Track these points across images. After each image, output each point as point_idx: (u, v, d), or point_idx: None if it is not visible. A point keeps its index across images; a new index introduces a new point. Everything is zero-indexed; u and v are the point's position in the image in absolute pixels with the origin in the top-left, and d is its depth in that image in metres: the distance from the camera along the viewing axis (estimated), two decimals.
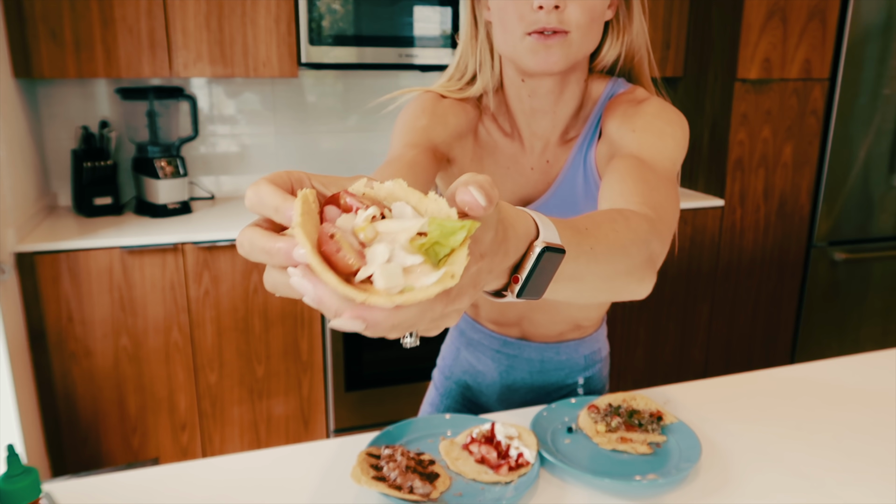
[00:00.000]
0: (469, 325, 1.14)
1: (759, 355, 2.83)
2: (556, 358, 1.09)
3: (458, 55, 0.95)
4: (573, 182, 0.92)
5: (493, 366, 1.11)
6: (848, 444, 0.99)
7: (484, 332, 1.11)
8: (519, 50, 0.81)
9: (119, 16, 2.06)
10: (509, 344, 1.09)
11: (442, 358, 1.21)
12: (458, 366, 1.16)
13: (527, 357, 1.09)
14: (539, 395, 1.13)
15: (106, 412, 2.07)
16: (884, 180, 2.72)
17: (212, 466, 0.92)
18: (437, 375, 1.21)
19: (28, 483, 0.67)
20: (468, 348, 1.14)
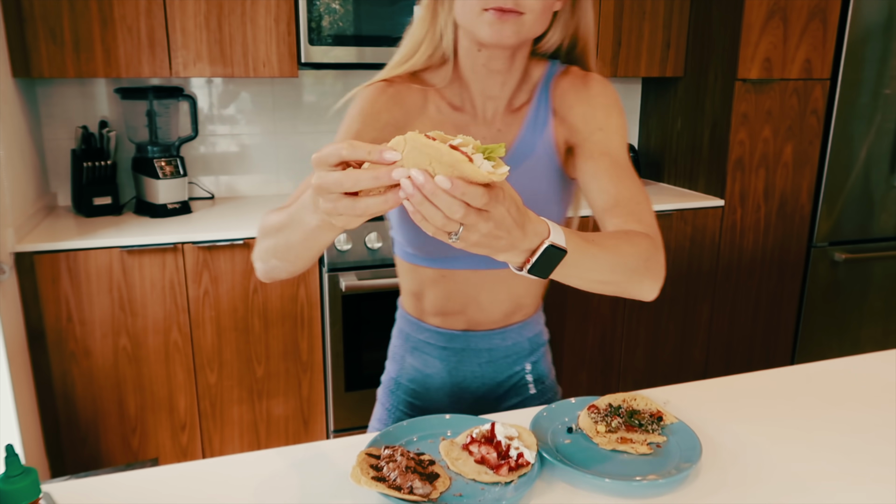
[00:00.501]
0: (414, 326, 1.12)
1: (760, 355, 2.83)
2: (502, 344, 1.10)
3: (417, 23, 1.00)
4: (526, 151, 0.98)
5: (441, 365, 1.11)
6: (849, 444, 0.98)
7: (430, 331, 1.10)
8: (477, 22, 0.88)
9: (118, 15, 2.05)
10: (456, 338, 1.09)
11: (386, 373, 1.20)
12: (403, 375, 1.15)
13: (475, 348, 1.10)
14: (490, 387, 1.12)
15: (105, 412, 2.07)
16: (884, 180, 2.72)
17: (211, 467, 0.92)
18: (381, 393, 1.20)
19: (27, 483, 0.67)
20: (413, 353, 1.13)
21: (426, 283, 1.07)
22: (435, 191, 0.59)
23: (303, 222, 0.74)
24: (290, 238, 0.80)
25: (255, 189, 2.63)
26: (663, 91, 2.91)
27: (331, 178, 0.61)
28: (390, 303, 1.28)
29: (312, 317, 2.20)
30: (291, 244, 0.81)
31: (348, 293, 2.15)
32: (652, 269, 0.87)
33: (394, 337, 1.19)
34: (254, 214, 2.30)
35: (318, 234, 0.75)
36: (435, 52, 0.99)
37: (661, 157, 2.96)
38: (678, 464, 0.90)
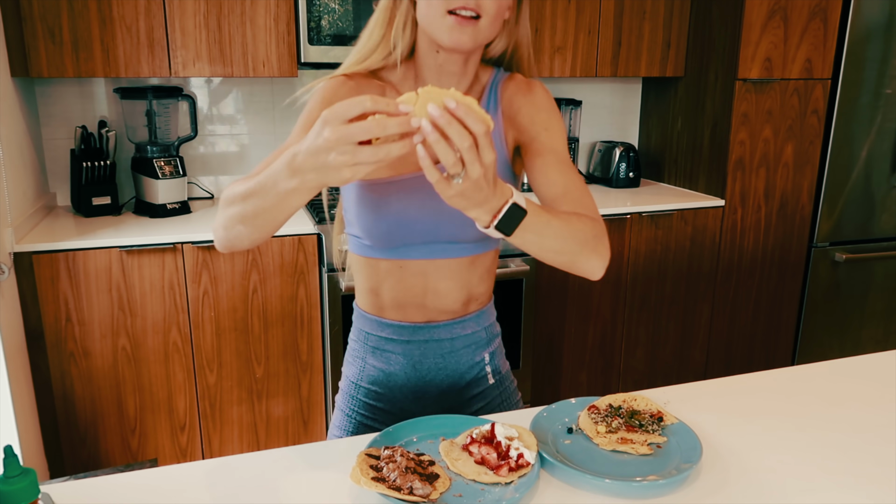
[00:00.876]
0: (373, 324, 1.14)
1: (760, 356, 2.82)
2: (462, 333, 1.13)
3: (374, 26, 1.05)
4: None
5: (404, 360, 1.12)
6: (849, 444, 0.98)
7: (391, 326, 1.12)
8: (438, 25, 0.94)
9: (118, 15, 2.05)
10: (418, 330, 1.11)
11: (343, 378, 1.20)
12: (364, 378, 1.16)
13: (436, 339, 1.12)
14: (453, 379, 1.14)
15: (104, 413, 2.07)
16: (885, 180, 2.72)
17: (211, 467, 0.91)
18: (340, 399, 1.21)
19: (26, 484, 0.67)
20: (374, 354, 1.15)
21: (383, 277, 1.10)
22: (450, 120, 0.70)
23: (276, 187, 0.79)
24: (260, 204, 0.84)
25: None
26: (663, 91, 2.91)
27: (356, 127, 0.69)
28: None
29: (312, 317, 2.20)
30: (261, 210, 0.84)
31: (348, 293, 2.15)
32: (599, 247, 0.95)
33: (351, 341, 1.20)
34: None
35: (291, 198, 0.80)
36: (391, 53, 1.05)
37: (661, 157, 2.96)
38: (678, 464, 0.90)
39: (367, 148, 0.70)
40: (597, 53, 2.60)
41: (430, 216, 1.03)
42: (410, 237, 1.04)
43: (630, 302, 2.59)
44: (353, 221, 1.07)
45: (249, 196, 0.85)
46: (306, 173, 0.75)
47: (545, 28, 2.51)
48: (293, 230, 2.12)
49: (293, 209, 0.84)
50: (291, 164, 0.76)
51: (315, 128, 0.72)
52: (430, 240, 1.05)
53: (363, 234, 1.06)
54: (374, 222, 1.03)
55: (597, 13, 2.56)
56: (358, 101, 0.70)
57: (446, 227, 1.04)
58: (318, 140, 0.71)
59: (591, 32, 2.57)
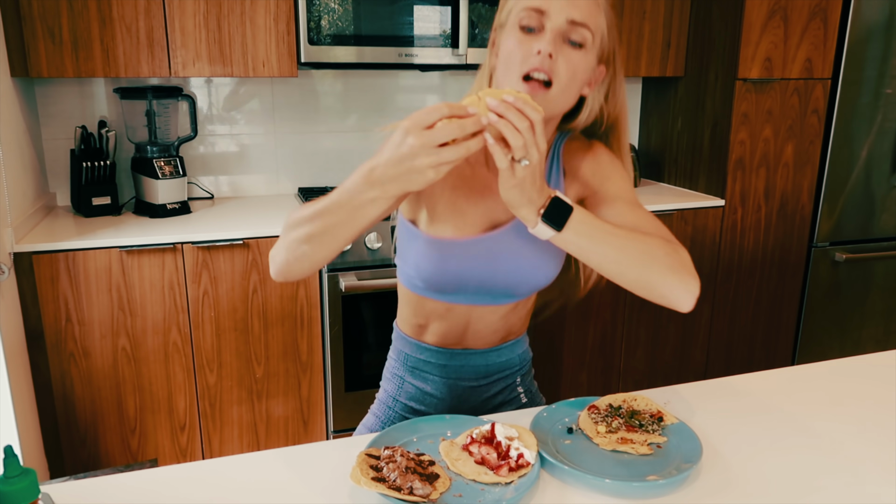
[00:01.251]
0: (413, 346, 1.18)
1: (760, 356, 2.82)
2: (497, 360, 1.18)
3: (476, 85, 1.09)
4: None
5: (440, 381, 1.18)
6: (849, 445, 0.98)
7: (430, 350, 1.17)
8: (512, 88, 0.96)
9: (117, 15, 2.05)
10: (455, 355, 1.16)
11: (383, 390, 1.25)
12: (402, 394, 1.21)
13: (472, 364, 1.17)
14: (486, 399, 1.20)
15: (104, 413, 2.07)
16: (885, 180, 2.72)
17: (211, 467, 0.91)
18: (376, 406, 1.26)
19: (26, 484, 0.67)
20: (413, 374, 1.19)
21: (429, 313, 1.14)
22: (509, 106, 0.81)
23: (352, 201, 0.87)
24: (332, 220, 0.90)
25: (255, 189, 2.63)
26: (663, 91, 2.91)
27: (438, 131, 0.78)
28: (390, 303, 1.28)
29: (312, 317, 2.19)
30: (331, 226, 0.91)
31: (348, 293, 2.15)
32: (682, 272, 0.93)
33: (391, 359, 1.25)
34: (253, 214, 2.30)
35: (369, 209, 0.87)
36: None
37: (661, 156, 2.96)
38: (678, 464, 0.90)
39: (448, 148, 0.79)
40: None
41: (486, 274, 1.07)
42: (464, 289, 1.08)
43: (630, 302, 2.59)
44: (410, 264, 1.09)
45: (319, 215, 0.91)
46: (387, 183, 0.83)
47: None
48: None
49: (368, 221, 0.89)
50: (369, 176, 0.84)
51: (394, 139, 0.81)
52: (482, 292, 1.09)
53: (418, 278, 1.09)
54: (431, 273, 1.07)
55: None
56: (436, 108, 0.79)
57: (501, 283, 1.08)
58: (401, 148, 0.80)
59: None
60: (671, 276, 0.93)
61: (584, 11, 0.96)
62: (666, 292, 0.93)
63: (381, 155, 0.83)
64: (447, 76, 2.75)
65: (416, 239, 1.07)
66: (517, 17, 0.98)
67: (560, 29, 0.95)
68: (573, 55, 0.96)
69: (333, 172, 2.70)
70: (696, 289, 0.94)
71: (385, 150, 0.82)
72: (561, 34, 0.95)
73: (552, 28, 0.95)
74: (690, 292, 0.94)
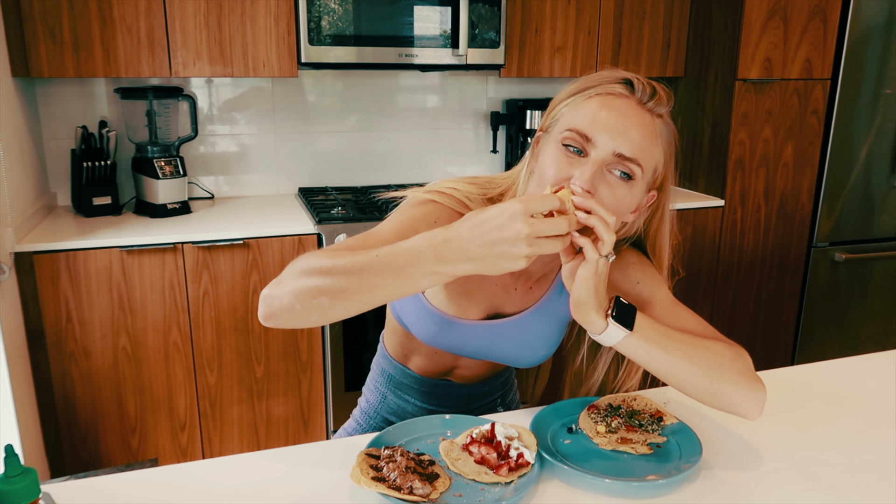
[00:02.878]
0: (397, 369, 1.19)
1: (760, 356, 2.82)
2: (479, 390, 1.20)
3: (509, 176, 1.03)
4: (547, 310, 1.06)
5: (421, 404, 1.18)
6: (849, 445, 0.98)
7: (414, 377, 1.17)
8: None
9: (118, 15, 2.05)
10: (438, 386, 1.17)
11: (365, 400, 1.25)
12: (384, 408, 1.22)
13: (455, 395, 1.18)
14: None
15: (105, 413, 2.07)
16: (885, 180, 2.72)
17: (211, 467, 0.91)
18: (358, 413, 1.26)
19: (27, 484, 0.67)
20: (395, 392, 1.20)
21: (417, 352, 1.15)
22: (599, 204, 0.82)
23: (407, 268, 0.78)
24: (374, 282, 0.79)
25: (255, 189, 2.63)
26: None
27: (550, 223, 0.75)
28: None
29: None
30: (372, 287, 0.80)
31: None
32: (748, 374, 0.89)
33: (375, 371, 1.25)
34: (253, 214, 2.30)
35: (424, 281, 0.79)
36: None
37: None
38: (678, 464, 0.90)
39: (549, 241, 0.76)
40: (597, 53, 2.60)
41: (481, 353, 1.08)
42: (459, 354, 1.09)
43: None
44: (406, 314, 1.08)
45: (358, 271, 0.80)
46: (463, 262, 0.76)
47: (545, 28, 2.51)
48: (293, 230, 2.12)
49: (412, 291, 0.81)
50: (441, 249, 0.76)
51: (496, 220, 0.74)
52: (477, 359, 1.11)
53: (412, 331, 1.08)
54: (426, 335, 1.06)
55: (597, 13, 2.56)
56: (550, 199, 0.76)
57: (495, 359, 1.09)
58: (504, 232, 0.73)
59: (591, 32, 2.57)
60: (742, 384, 0.88)
61: (636, 146, 0.87)
62: (737, 400, 0.88)
63: (463, 230, 0.75)
64: (447, 76, 2.75)
65: (417, 299, 1.05)
66: (561, 134, 0.89)
67: (604, 161, 0.86)
68: (618, 188, 0.87)
69: (333, 172, 2.70)
70: (764, 396, 0.89)
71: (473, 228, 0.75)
72: (605, 166, 0.87)
73: (594, 160, 0.86)
74: (760, 400, 0.89)
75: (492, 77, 2.81)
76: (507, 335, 1.05)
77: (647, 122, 0.88)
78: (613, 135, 0.86)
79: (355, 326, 2.21)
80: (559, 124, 0.91)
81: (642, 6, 2.61)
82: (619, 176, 0.87)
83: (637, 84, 0.89)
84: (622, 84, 0.90)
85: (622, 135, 0.86)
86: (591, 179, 0.85)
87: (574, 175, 0.86)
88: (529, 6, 2.46)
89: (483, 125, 2.85)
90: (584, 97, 0.90)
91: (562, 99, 0.93)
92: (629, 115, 0.87)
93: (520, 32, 2.48)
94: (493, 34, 2.35)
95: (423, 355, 1.14)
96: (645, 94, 0.89)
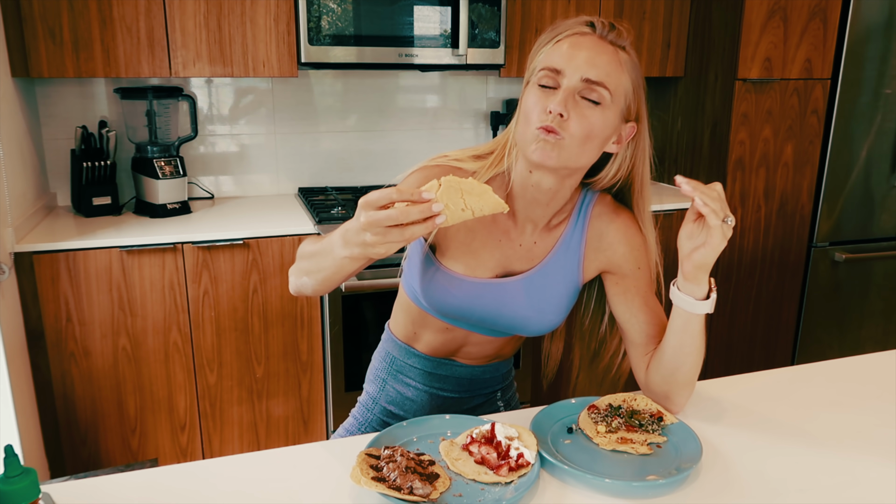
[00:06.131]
0: (402, 350, 1.21)
1: (760, 356, 2.82)
2: (481, 377, 1.22)
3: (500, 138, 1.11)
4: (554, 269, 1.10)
5: (422, 388, 1.20)
6: (848, 445, 0.98)
7: (418, 357, 1.19)
8: (528, 139, 0.98)
9: (118, 15, 2.05)
10: (442, 365, 1.19)
11: (365, 392, 1.28)
12: (383, 397, 1.24)
13: (457, 376, 1.20)
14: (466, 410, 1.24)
15: (105, 413, 2.07)
16: (885, 180, 2.72)
17: (211, 467, 0.91)
18: (356, 410, 1.29)
19: (27, 484, 0.67)
20: (396, 378, 1.22)
21: (428, 329, 1.17)
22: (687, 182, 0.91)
23: (333, 253, 0.93)
24: (320, 264, 0.98)
25: (255, 189, 2.63)
26: (663, 91, 2.91)
27: (383, 214, 0.81)
28: (390, 303, 1.28)
29: (312, 317, 2.20)
30: (320, 269, 0.98)
31: (348, 293, 2.15)
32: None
33: (376, 360, 1.27)
34: (253, 214, 2.30)
35: (345, 264, 0.93)
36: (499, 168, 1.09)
37: (661, 156, 2.96)
38: (678, 464, 0.90)
39: (395, 230, 0.82)
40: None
41: (491, 314, 1.09)
42: (467, 319, 1.11)
43: None
44: (417, 282, 1.11)
45: (314, 256, 1.00)
46: (353, 247, 0.87)
47: (545, 28, 2.50)
48: (293, 230, 2.12)
49: (348, 273, 0.96)
50: (344, 237, 0.89)
51: (357, 211, 0.85)
52: (485, 326, 1.12)
53: (423, 298, 1.11)
54: (437, 299, 1.09)
55: (597, 13, 2.56)
56: (386, 193, 0.81)
57: (504, 323, 1.10)
58: (356, 222, 0.84)
59: None
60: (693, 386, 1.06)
61: (601, 70, 0.97)
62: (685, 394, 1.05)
63: (351, 220, 0.87)
64: (447, 76, 2.75)
65: (428, 262, 1.09)
66: (537, 76, 1.00)
67: (574, 88, 0.96)
68: (589, 112, 0.97)
69: (333, 172, 2.70)
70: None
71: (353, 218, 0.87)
72: (576, 92, 0.96)
73: (566, 87, 0.96)
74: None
75: (492, 77, 2.81)
76: (516, 294, 1.08)
77: (610, 52, 0.99)
78: (580, 63, 0.97)
79: (355, 326, 2.21)
80: (535, 73, 1.01)
81: (642, 6, 2.61)
82: (591, 102, 0.97)
83: (597, 23, 1.01)
84: (585, 25, 1.01)
85: (588, 62, 0.97)
86: (562, 103, 0.95)
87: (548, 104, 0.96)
88: (529, 6, 2.46)
89: (483, 125, 2.85)
90: (553, 42, 1.01)
91: (536, 51, 1.04)
92: (593, 47, 0.98)
93: (520, 32, 2.48)
94: (493, 34, 2.35)
95: (434, 331, 1.16)
96: (605, 30, 1.00)
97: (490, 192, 0.84)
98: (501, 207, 0.85)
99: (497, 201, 0.84)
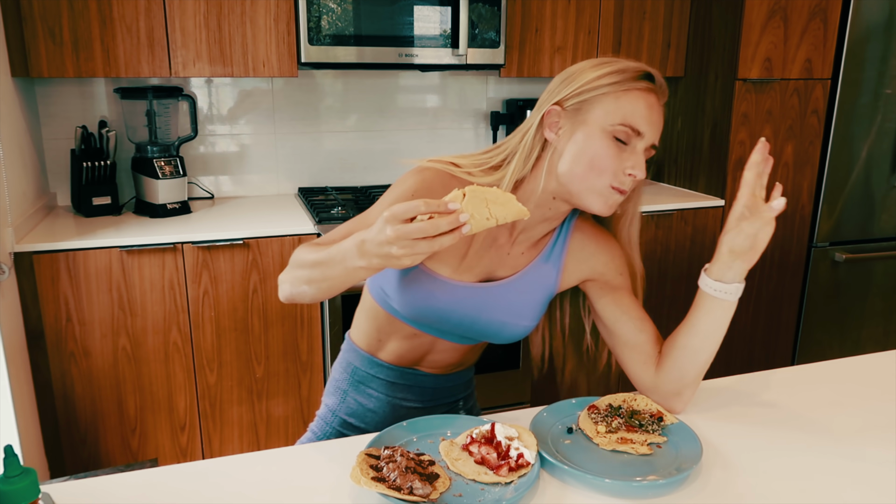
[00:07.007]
0: (364, 360, 1.19)
1: (760, 356, 2.82)
2: (445, 385, 1.21)
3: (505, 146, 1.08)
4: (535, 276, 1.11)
5: (383, 399, 1.19)
6: (849, 444, 0.98)
7: (380, 366, 1.18)
8: (594, 193, 1.00)
9: (118, 15, 2.05)
10: (406, 374, 1.18)
11: (323, 405, 1.26)
12: (343, 409, 1.22)
13: (421, 385, 1.19)
14: None
15: (105, 413, 2.07)
16: (885, 180, 2.72)
17: (211, 467, 0.91)
18: (314, 425, 1.27)
19: (26, 484, 0.67)
20: (357, 389, 1.20)
21: (394, 335, 1.15)
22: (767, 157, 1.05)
23: (345, 262, 0.91)
24: (327, 273, 0.96)
25: (255, 189, 2.63)
26: None
27: (414, 227, 0.81)
28: None
29: (312, 317, 2.20)
30: (327, 277, 0.96)
31: (348, 293, 2.15)
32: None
33: (336, 371, 1.25)
34: (253, 214, 2.30)
35: (357, 273, 0.91)
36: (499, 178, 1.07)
37: (661, 156, 2.96)
38: (678, 464, 0.90)
39: (423, 242, 0.82)
40: (597, 53, 2.60)
41: (469, 320, 1.08)
42: (441, 326, 1.10)
43: None
44: (392, 286, 1.09)
45: (318, 264, 0.97)
46: (372, 258, 0.86)
47: (545, 28, 2.51)
48: (293, 230, 2.12)
49: (357, 281, 0.95)
50: (360, 248, 0.88)
51: (378, 223, 0.84)
52: (458, 333, 1.12)
53: (398, 302, 1.09)
54: (414, 303, 1.07)
55: (597, 13, 2.56)
56: (413, 206, 0.81)
57: (480, 330, 1.10)
58: (380, 236, 0.83)
59: (591, 32, 2.57)
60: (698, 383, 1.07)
61: (659, 135, 1.04)
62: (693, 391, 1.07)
63: (370, 232, 0.86)
64: (447, 76, 2.75)
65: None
66: (611, 126, 0.99)
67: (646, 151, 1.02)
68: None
69: (333, 172, 2.70)
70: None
71: (372, 229, 0.86)
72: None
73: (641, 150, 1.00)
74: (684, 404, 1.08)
75: (492, 77, 2.81)
76: (498, 298, 1.08)
77: (663, 115, 1.05)
78: (654, 131, 1.01)
79: None
80: (597, 112, 0.99)
81: (642, 6, 2.61)
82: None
83: (656, 78, 1.02)
84: (646, 78, 1.01)
85: (657, 129, 1.02)
86: (643, 168, 1.00)
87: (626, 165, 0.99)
88: (529, 6, 2.46)
89: (483, 125, 2.85)
90: (620, 89, 0.99)
91: (594, 86, 1.00)
92: (658, 110, 1.02)
93: (520, 32, 2.48)
94: (493, 34, 2.35)
95: (401, 338, 1.14)
96: (662, 91, 1.03)
97: (514, 200, 0.84)
98: (524, 214, 0.85)
99: (520, 209, 0.85)
